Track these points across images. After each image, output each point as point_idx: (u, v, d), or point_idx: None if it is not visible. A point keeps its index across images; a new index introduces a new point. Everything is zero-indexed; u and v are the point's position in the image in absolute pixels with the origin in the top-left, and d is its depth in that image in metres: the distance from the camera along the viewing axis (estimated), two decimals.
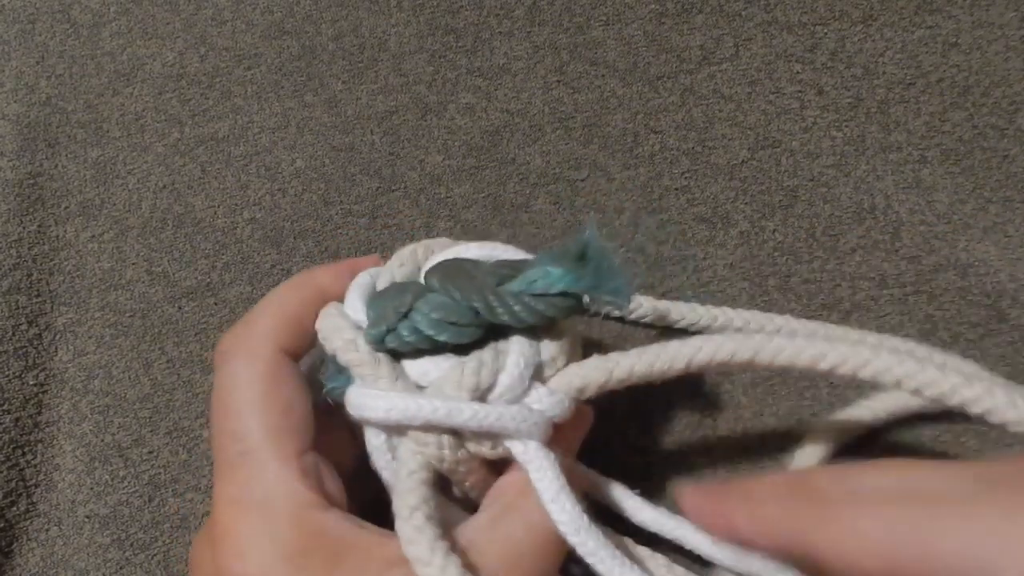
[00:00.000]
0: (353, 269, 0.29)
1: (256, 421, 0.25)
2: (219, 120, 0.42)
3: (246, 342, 0.26)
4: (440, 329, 0.26)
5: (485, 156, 0.41)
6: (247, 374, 0.26)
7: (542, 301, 0.25)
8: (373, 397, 0.26)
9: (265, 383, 0.26)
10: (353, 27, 0.44)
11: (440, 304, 0.26)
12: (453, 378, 0.25)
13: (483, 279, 0.26)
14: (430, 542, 0.23)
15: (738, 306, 0.38)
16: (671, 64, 0.43)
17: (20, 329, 0.37)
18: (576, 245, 0.25)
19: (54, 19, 0.44)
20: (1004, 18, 0.42)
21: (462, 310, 0.26)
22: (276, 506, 0.24)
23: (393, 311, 0.26)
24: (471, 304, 0.25)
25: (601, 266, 0.25)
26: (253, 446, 0.25)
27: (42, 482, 0.35)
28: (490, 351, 0.26)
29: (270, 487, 0.24)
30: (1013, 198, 0.39)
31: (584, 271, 0.25)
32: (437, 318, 0.26)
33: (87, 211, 0.40)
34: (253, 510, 0.24)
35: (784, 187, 0.40)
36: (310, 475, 0.25)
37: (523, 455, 0.26)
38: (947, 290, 0.38)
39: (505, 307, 0.25)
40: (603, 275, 0.25)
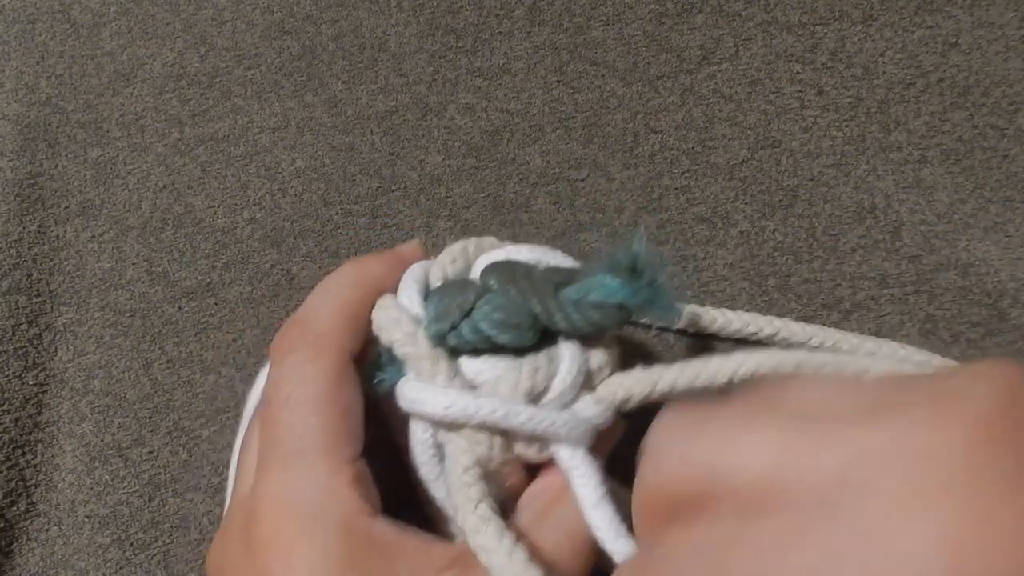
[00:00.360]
0: (401, 259, 0.28)
1: (316, 420, 0.24)
2: (219, 120, 0.42)
3: (311, 339, 0.26)
4: (501, 330, 0.26)
5: (485, 156, 0.41)
6: (311, 371, 0.25)
7: (599, 311, 0.26)
8: (432, 392, 0.25)
9: (329, 383, 0.25)
10: (353, 27, 0.44)
11: (501, 305, 0.26)
12: (510, 380, 0.26)
13: (541, 284, 0.26)
14: (497, 531, 0.24)
15: (738, 306, 0.38)
16: (671, 64, 0.43)
17: (20, 329, 0.37)
18: (628, 257, 0.25)
19: (54, 19, 0.44)
20: (1004, 18, 0.42)
21: (523, 312, 0.26)
22: (326, 513, 0.23)
23: (457, 308, 0.26)
24: (531, 307, 0.26)
25: (654, 280, 0.25)
26: (308, 445, 0.24)
27: (42, 482, 0.35)
28: (545, 356, 0.26)
29: (321, 493, 0.23)
30: (1013, 198, 0.39)
31: (639, 284, 0.25)
32: (499, 319, 0.26)
33: (87, 211, 0.40)
34: (301, 516, 0.23)
35: (784, 187, 0.40)
36: (360, 482, 0.24)
37: (569, 460, 0.26)
38: (948, 290, 0.38)
39: (564, 313, 0.26)
40: (657, 290, 0.25)
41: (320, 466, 0.24)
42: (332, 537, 0.23)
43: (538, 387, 0.26)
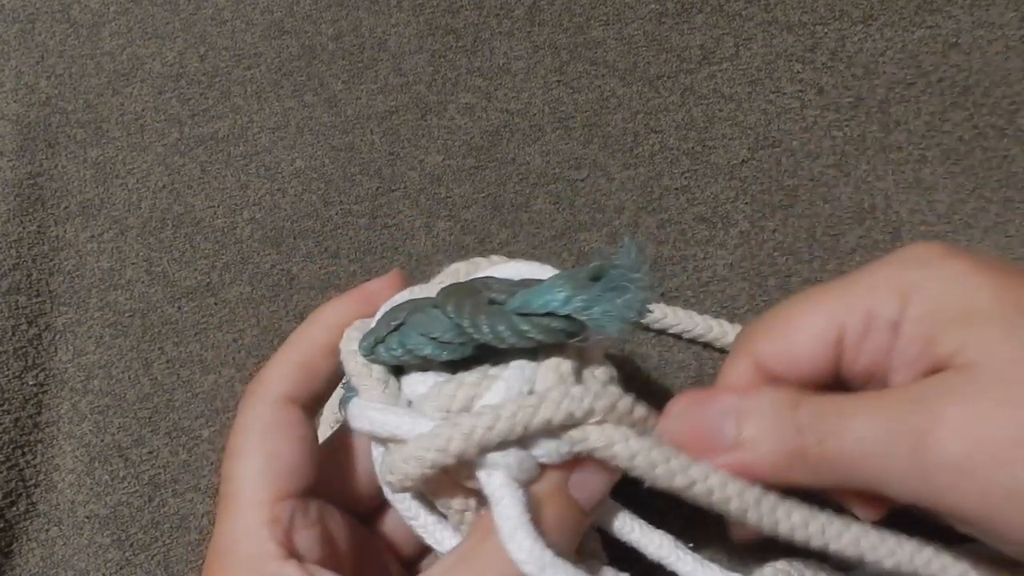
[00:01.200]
0: (363, 295, 0.29)
1: (242, 466, 0.26)
2: (219, 120, 0.42)
3: (254, 389, 0.27)
4: (422, 344, 0.25)
5: (485, 156, 0.41)
6: (246, 420, 0.27)
7: (527, 322, 0.24)
8: (359, 407, 0.26)
9: (259, 429, 0.26)
10: (353, 27, 0.44)
11: (428, 320, 0.25)
12: (431, 396, 0.25)
13: (481, 297, 0.25)
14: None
15: (738, 306, 0.38)
16: (671, 64, 0.43)
17: (20, 329, 0.37)
18: (593, 267, 0.24)
19: (54, 19, 0.44)
20: (1004, 18, 0.42)
21: (447, 326, 0.25)
22: (236, 553, 0.25)
23: (386, 324, 0.26)
24: (459, 321, 0.24)
25: (611, 290, 0.23)
26: (234, 490, 0.26)
27: (42, 482, 0.35)
28: (476, 373, 0.25)
29: (236, 533, 0.25)
30: (1013, 198, 0.39)
31: (581, 295, 0.23)
32: (421, 333, 0.25)
33: (87, 211, 0.40)
34: (218, 556, 0.25)
35: (784, 187, 0.40)
36: (280, 523, 0.25)
37: (487, 486, 0.24)
38: None
39: (489, 326, 0.24)
40: (604, 301, 0.23)
41: (241, 508, 0.25)
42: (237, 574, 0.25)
43: (456, 405, 0.24)
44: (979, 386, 0.22)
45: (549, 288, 0.24)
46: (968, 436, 0.22)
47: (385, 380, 0.26)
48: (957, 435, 0.22)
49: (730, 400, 0.25)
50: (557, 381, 0.25)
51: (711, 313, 0.38)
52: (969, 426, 0.22)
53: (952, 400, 0.22)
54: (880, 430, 0.23)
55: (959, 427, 0.22)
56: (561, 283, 0.24)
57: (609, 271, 0.24)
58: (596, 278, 0.24)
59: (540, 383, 0.25)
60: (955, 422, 0.22)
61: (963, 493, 0.22)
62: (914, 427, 0.22)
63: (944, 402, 0.22)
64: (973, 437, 0.21)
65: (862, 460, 0.23)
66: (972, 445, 0.21)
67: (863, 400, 0.24)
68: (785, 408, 0.24)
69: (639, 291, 0.23)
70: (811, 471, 0.24)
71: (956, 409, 0.22)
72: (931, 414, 0.22)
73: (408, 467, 0.24)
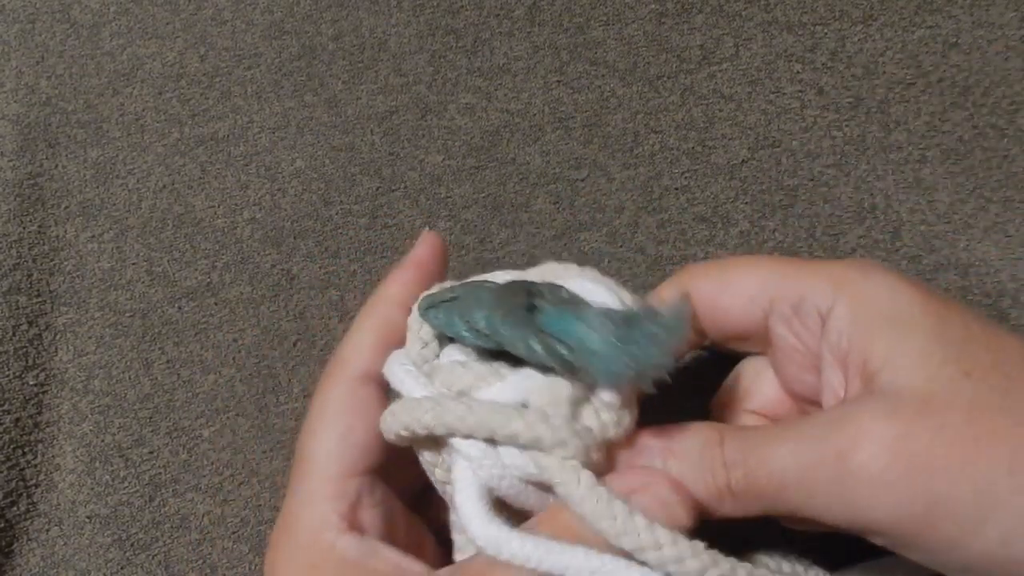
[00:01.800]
0: (418, 265, 0.30)
1: (315, 442, 0.27)
2: (219, 120, 0.42)
3: (332, 369, 0.28)
4: (458, 325, 0.26)
5: (485, 156, 0.41)
6: (324, 399, 0.27)
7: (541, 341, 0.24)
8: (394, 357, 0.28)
9: (335, 406, 0.27)
10: (353, 27, 0.44)
11: (472, 304, 0.26)
12: (444, 370, 0.26)
13: (523, 300, 0.25)
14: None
15: None
16: (671, 64, 0.43)
17: (20, 329, 0.37)
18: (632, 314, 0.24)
19: (54, 19, 0.44)
20: (1004, 18, 0.42)
21: (480, 318, 0.25)
22: (300, 524, 0.26)
23: (445, 292, 0.27)
24: (490, 317, 0.25)
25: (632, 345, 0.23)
26: (306, 465, 0.27)
27: (42, 482, 0.35)
28: (490, 367, 0.26)
29: (302, 505, 0.26)
30: (1013, 198, 0.39)
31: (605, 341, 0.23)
32: (461, 314, 0.26)
33: (87, 211, 0.40)
34: (285, 527, 0.26)
35: (784, 187, 0.40)
36: (344, 498, 0.26)
37: (452, 467, 0.25)
38: (948, 289, 0.38)
39: (507, 331, 0.25)
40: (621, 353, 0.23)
41: (309, 482, 0.26)
42: (301, 549, 0.25)
43: (458, 387, 0.26)
44: (900, 400, 0.22)
45: (575, 318, 0.24)
46: (887, 450, 0.22)
47: (426, 341, 0.27)
48: (876, 450, 0.22)
49: (657, 444, 0.25)
50: (550, 403, 0.25)
51: None
52: (888, 440, 0.22)
53: (872, 416, 0.22)
54: (803, 456, 0.23)
55: (878, 442, 0.22)
56: (588, 317, 0.24)
57: (642, 323, 0.23)
58: (628, 322, 0.24)
59: (534, 398, 0.25)
60: (874, 437, 0.22)
61: (883, 507, 0.22)
62: (835, 448, 0.22)
63: (864, 419, 0.22)
64: (892, 450, 0.22)
65: (785, 489, 0.23)
66: (891, 458, 0.22)
67: (787, 428, 0.24)
68: (710, 446, 0.24)
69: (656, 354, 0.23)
70: (739, 504, 0.24)
71: (876, 425, 0.22)
72: (852, 433, 0.22)
73: (388, 421, 0.26)
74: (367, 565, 0.25)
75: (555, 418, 0.24)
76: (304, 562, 0.25)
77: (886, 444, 0.22)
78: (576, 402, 0.25)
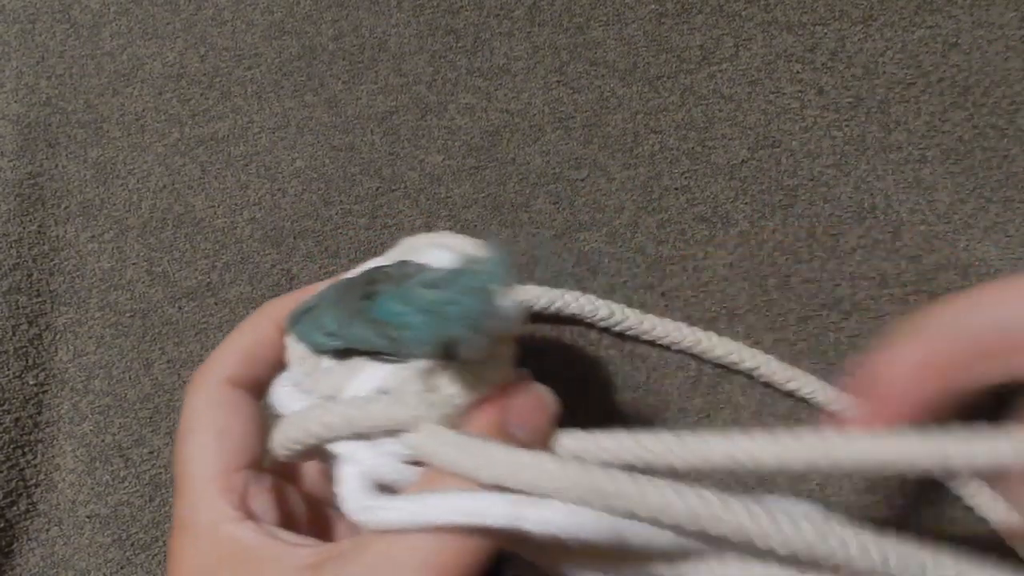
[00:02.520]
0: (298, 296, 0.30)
1: (192, 444, 0.27)
2: (219, 120, 0.42)
3: (199, 376, 0.28)
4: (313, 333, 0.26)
5: (485, 156, 0.41)
6: (194, 404, 0.28)
7: (371, 328, 0.24)
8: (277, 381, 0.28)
9: (207, 411, 0.28)
10: (353, 27, 0.44)
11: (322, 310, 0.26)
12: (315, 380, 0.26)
13: (357, 293, 0.25)
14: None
15: (738, 305, 0.38)
16: (671, 64, 0.43)
17: (20, 329, 0.37)
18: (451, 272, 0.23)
19: (54, 19, 0.44)
20: (1004, 18, 0.42)
21: (326, 322, 0.26)
22: (197, 522, 0.26)
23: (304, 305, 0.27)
24: (325, 321, 0.25)
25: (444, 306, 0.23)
26: (188, 468, 0.27)
27: (42, 482, 0.35)
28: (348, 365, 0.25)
29: (194, 504, 0.26)
30: (1013, 198, 0.39)
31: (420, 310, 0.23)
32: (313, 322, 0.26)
33: (87, 211, 0.40)
34: (181, 528, 0.26)
35: (784, 187, 0.40)
36: (234, 491, 0.26)
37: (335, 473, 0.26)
38: (948, 289, 0.38)
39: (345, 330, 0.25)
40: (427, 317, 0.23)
41: (195, 482, 0.26)
42: (201, 544, 0.26)
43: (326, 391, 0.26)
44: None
45: (396, 295, 0.24)
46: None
47: (303, 358, 0.27)
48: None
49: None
50: (402, 383, 0.24)
51: (711, 312, 0.38)
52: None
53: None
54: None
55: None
56: (410, 294, 0.24)
57: (460, 279, 0.23)
58: (447, 282, 0.23)
59: (388, 383, 0.25)
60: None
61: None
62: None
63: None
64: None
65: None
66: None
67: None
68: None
69: (478, 306, 0.22)
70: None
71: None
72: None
73: (272, 443, 0.26)
74: (265, 550, 0.25)
75: (407, 396, 0.24)
76: (208, 559, 0.25)
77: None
78: (428, 374, 0.24)
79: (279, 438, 0.26)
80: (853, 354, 0.37)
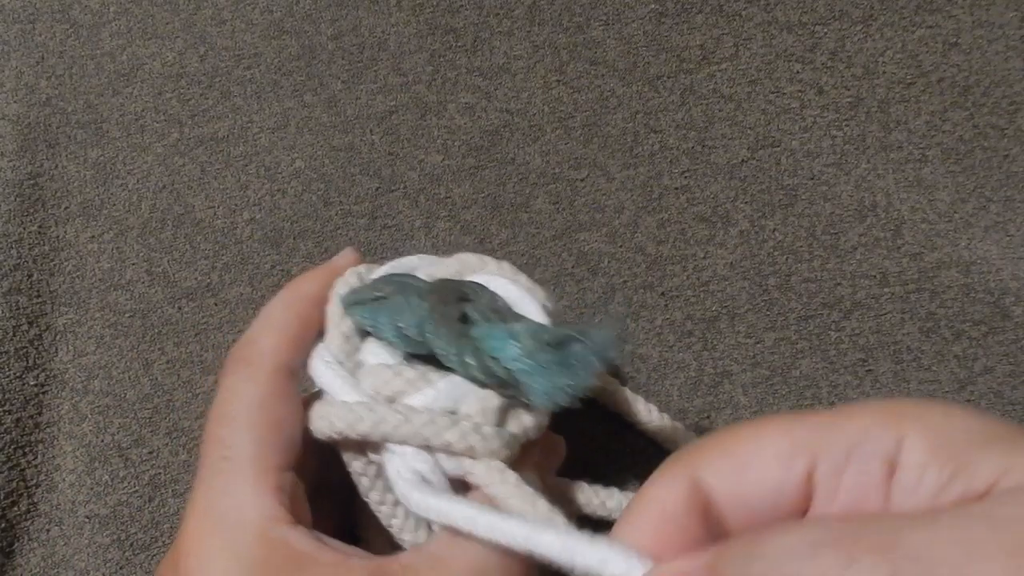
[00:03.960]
0: (333, 270, 0.29)
1: (245, 430, 0.26)
2: (219, 120, 0.42)
3: (250, 356, 0.27)
4: (388, 328, 0.26)
5: (485, 156, 0.41)
6: (246, 386, 0.27)
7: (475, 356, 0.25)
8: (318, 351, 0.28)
9: (261, 397, 0.26)
10: (353, 27, 0.44)
11: (403, 307, 0.26)
12: (371, 373, 0.27)
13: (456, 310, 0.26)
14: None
15: (738, 305, 0.38)
16: (671, 64, 0.43)
17: (21, 329, 0.37)
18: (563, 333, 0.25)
19: (54, 19, 0.44)
20: (1004, 18, 0.42)
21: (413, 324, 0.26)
22: (243, 520, 0.24)
23: (372, 291, 0.28)
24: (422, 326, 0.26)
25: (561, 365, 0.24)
26: (237, 454, 0.25)
27: (43, 482, 0.35)
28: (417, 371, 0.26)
29: (241, 500, 0.25)
30: (1014, 197, 0.39)
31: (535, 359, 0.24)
32: (392, 317, 0.26)
33: (87, 211, 0.40)
34: (220, 522, 0.24)
35: (784, 186, 0.40)
36: (284, 492, 0.25)
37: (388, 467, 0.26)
38: (950, 287, 0.38)
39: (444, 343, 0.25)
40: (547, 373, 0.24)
41: (243, 475, 0.25)
42: (246, 543, 0.24)
43: (387, 392, 0.26)
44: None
45: (508, 336, 0.25)
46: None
47: (348, 335, 0.27)
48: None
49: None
50: (479, 412, 0.26)
51: (711, 312, 0.38)
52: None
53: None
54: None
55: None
56: (522, 337, 0.25)
57: (573, 346, 0.24)
58: (560, 344, 0.24)
59: (464, 406, 0.26)
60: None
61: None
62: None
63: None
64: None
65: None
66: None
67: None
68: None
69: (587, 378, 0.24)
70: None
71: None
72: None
73: (320, 424, 0.26)
74: (320, 558, 0.24)
75: (485, 428, 0.25)
76: (253, 560, 0.24)
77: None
78: (504, 410, 0.26)
79: (335, 424, 0.26)
80: (854, 353, 0.37)
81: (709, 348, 0.37)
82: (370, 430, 0.25)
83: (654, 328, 0.38)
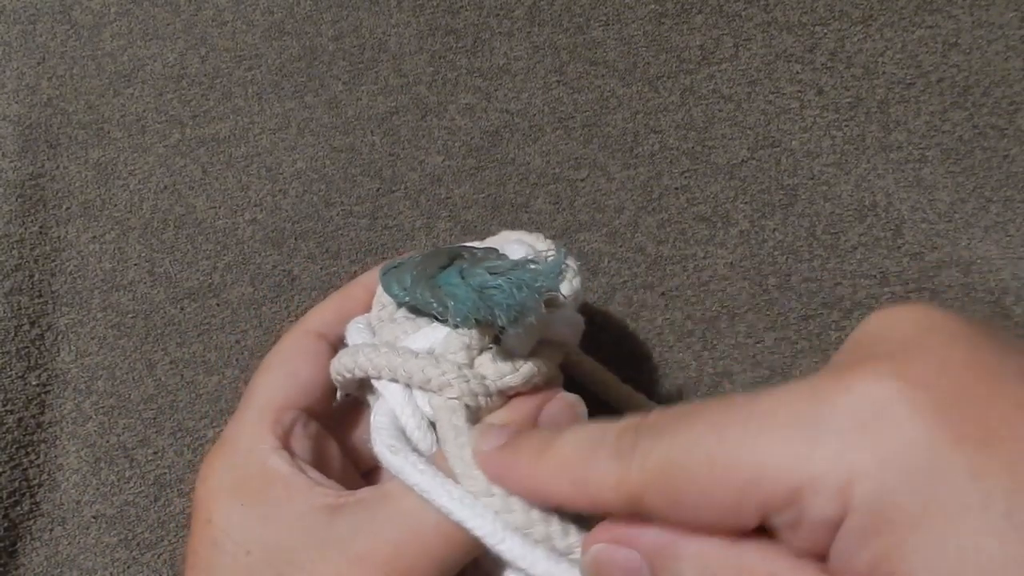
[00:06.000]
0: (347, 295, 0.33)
1: (262, 378, 0.30)
2: (220, 121, 0.42)
3: (297, 324, 0.31)
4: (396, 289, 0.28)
5: (485, 156, 0.41)
6: (279, 346, 0.31)
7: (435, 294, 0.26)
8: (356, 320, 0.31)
9: (286, 353, 0.30)
10: (353, 27, 0.44)
11: (405, 270, 0.28)
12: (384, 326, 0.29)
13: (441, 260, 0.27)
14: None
15: (738, 305, 0.38)
16: (671, 64, 0.43)
17: (23, 330, 0.37)
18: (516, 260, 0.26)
19: (55, 20, 0.44)
20: (1004, 18, 0.42)
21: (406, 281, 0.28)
22: (238, 442, 0.28)
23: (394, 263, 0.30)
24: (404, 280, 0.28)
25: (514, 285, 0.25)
26: (253, 393, 0.29)
27: (45, 482, 0.35)
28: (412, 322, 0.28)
29: (243, 426, 0.28)
30: (1014, 197, 0.39)
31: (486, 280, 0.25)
32: (397, 280, 0.28)
33: (89, 212, 0.40)
34: (221, 444, 0.29)
35: (784, 186, 0.40)
36: (280, 424, 0.28)
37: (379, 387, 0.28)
38: (950, 287, 0.38)
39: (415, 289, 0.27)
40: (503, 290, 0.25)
41: (251, 409, 0.29)
42: (235, 459, 0.28)
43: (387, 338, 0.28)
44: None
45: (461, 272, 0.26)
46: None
47: (384, 304, 0.30)
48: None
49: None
50: (448, 349, 0.27)
51: (711, 312, 0.38)
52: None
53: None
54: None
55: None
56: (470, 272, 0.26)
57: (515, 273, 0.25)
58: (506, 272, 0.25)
59: (438, 345, 0.27)
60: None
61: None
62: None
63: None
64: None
65: None
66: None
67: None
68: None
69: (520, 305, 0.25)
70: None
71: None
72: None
73: (333, 365, 0.29)
74: (290, 480, 0.27)
75: (445, 362, 0.26)
76: (236, 475, 0.27)
77: None
78: (472, 349, 0.27)
79: (335, 364, 0.29)
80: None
81: (709, 348, 0.37)
82: (352, 364, 0.28)
83: (654, 328, 0.38)
